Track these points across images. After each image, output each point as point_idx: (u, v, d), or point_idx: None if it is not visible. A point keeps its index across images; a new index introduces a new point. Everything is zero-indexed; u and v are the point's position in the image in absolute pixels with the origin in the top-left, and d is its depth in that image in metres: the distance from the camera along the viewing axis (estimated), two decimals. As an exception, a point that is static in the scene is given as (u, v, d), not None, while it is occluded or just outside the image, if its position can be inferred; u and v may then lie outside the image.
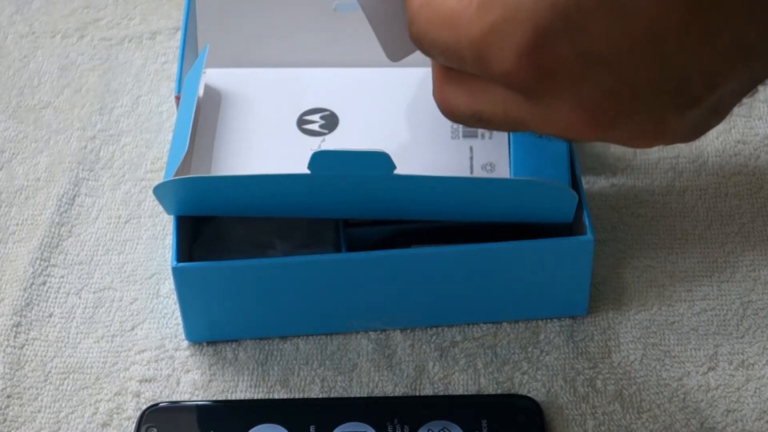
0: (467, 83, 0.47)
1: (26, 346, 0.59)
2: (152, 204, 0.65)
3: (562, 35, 0.42)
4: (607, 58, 0.42)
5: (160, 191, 0.55)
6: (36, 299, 0.61)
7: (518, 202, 0.55)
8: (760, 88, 0.69)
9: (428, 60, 0.51)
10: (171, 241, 0.60)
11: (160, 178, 0.65)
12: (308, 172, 0.53)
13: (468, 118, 0.48)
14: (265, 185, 0.54)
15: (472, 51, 0.44)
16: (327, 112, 0.61)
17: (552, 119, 0.44)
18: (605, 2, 0.41)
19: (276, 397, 0.57)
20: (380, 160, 0.52)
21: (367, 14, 0.52)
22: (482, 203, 0.55)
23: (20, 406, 0.57)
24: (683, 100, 0.43)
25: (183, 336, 0.59)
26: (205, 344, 0.59)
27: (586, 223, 0.56)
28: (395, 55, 0.54)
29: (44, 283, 0.62)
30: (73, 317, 0.61)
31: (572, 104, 0.43)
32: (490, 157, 0.58)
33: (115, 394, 0.57)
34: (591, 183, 0.65)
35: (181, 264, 0.56)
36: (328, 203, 0.55)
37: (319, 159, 0.52)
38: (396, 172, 0.53)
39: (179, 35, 0.71)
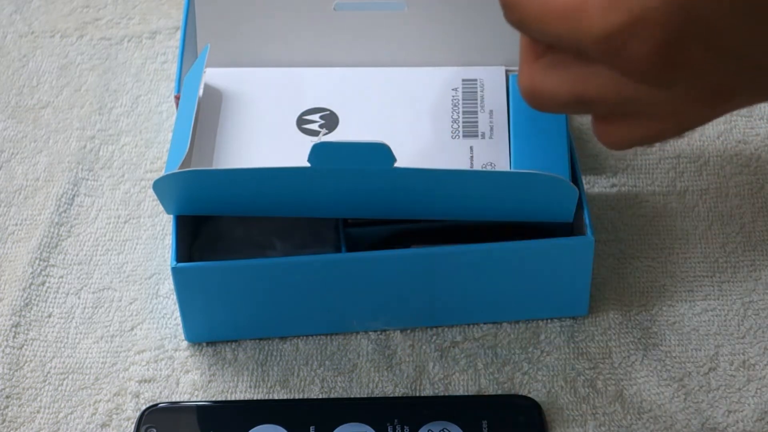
0: (571, 67, 0.46)
1: (25, 347, 0.59)
2: (152, 204, 0.65)
3: (693, 37, 0.43)
4: (737, 51, 0.43)
5: (160, 187, 0.54)
6: (35, 299, 0.61)
7: (519, 196, 0.54)
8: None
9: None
10: (170, 241, 0.60)
11: (159, 178, 0.65)
12: (309, 165, 0.53)
13: (564, 103, 0.47)
14: (266, 179, 0.54)
15: (596, 45, 0.44)
16: (327, 112, 0.60)
17: (671, 100, 0.45)
18: (736, 5, 0.42)
19: (276, 397, 0.57)
20: (381, 152, 0.52)
21: None
22: (483, 198, 0.55)
23: (19, 406, 0.57)
24: None
25: (182, 336, 0.59)
26: (204, 344, 0.59)
27: (587, 223, 0.56)
28: None
29: (43, 284, 0.62)
30: (73, 317, 0.60)
31: (698, 88, 0.44)
32: (490, 156, 0.58)
33: (115, 395, 0.57)
34: (591, 183, 0.65)
35: (180, 264, 0.55)
36: (328, 200, 0.55)
37: (319, 151, 0.52)
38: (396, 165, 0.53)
39: (179, 35, 0.71)
